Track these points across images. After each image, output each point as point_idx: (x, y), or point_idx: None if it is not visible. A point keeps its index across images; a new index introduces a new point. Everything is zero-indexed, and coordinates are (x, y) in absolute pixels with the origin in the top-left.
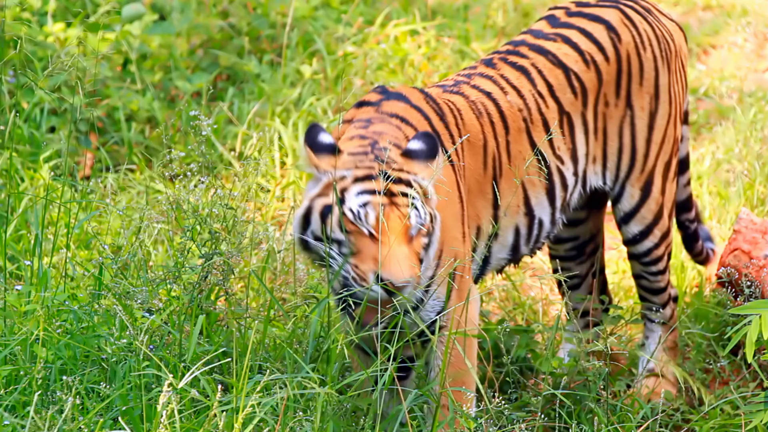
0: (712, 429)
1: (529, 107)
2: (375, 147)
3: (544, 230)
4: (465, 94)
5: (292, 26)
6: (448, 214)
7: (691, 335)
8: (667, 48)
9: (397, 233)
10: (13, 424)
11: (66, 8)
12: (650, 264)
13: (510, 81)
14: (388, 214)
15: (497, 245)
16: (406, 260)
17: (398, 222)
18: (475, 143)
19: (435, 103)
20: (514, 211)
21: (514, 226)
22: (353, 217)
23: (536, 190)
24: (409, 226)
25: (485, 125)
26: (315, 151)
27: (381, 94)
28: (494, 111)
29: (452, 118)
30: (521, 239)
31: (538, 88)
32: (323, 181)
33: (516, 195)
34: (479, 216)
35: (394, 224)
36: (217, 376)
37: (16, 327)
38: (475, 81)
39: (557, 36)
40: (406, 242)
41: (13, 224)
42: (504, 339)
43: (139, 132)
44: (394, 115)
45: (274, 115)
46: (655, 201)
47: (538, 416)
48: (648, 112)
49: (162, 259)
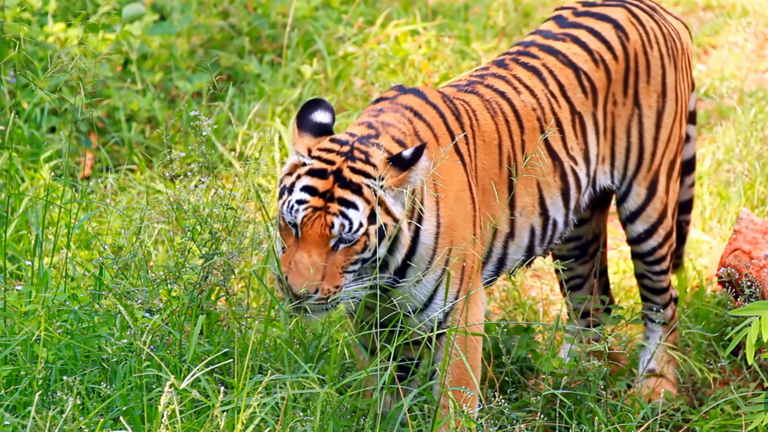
0: (712, 429)
1: (542, 107)
2: (363, 140)
3: (557, 231)
4: (479, 93)
5: (292, 26)
6: (457, 214)
7: (692, 335)
8: (673, 46)
9: (313, 241)
10: (14, 424)
11: (66, 8)
12: (654, 263)
13: (523, 81)
14: (312, 219)
15: (513, 246)
16: (308, 271)
17: (320, 229)
18: (490, 142)
19: (451, 103)
20: (530, 212)
21: (530, 227)
22: (287, 210)
23: (551, 190)
24: (329, 236)
25: (500, 124)
26: (300, 128)
27: (398, 91)
28: (509, 110)
29: (467, 118)
30: (536, 240)
31: (550, 88)
32: (292, 160)
33: (532, 195)
34: (495, 216)
35: (315, 231)
36: (217, 377)
37: (17, 327)
38: (489, 81)
39: (566, 36)
40: (322, 252)
41: (14, 224)
42: (504, 339)
43: (139, 132)
44: (408, 107)
45: (275, 116)
46: (660, 200)
47: (539, 416)
48: (655, 110)
49: (162, 259)
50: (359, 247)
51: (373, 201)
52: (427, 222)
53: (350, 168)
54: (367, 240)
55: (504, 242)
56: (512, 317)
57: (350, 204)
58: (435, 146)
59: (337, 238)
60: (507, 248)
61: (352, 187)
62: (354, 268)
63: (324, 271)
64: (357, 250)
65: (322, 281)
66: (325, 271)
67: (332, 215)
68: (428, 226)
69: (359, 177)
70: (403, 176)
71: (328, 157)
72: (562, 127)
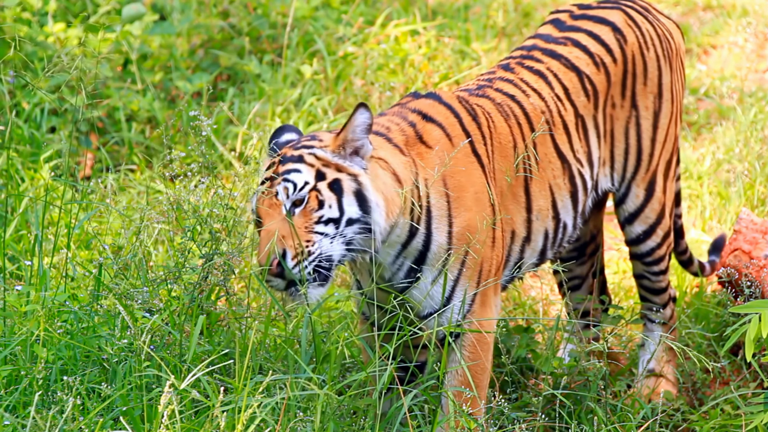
0: (712, 429)
1: (550, 110)
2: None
3: (567, 234)
4: (491, 97)
5: (292, 26)
6: (476, 216)
7: (691, 335)
8: (668, 47)
9: (267, 215)
10: (14, 424)
11: (66, 8)
12: (652, 264)
13: (530, 84)
14: (263, 199)
15: (529, 250)
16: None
17: (268, 202)
18: (506, 145)
19: (467, 104)
20: (545, 215)
21: (545, 230)
22: (251, 207)
23: (562, 193)
24: (277, 203)
25: (513, 127)
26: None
27: (412, 97)
28: (520, 113)
29: (485, 119)
30: (548, 243)
31: (555, 91)
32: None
33: (546, 198)
34: (513, 219)
35: (265, 206)
36: (217, 377)
37: (17, 327)
38: (498, 85)
39: (567, 40)
40: (279, 220)
41: (14, 224)
42: (504, 339)
43: (139, 132)
44: (416, 110)
45: (275, 116)
46: (658, 200)
47: (539, 416)
48: (652, 111)
49: (162, 259)
50: (314, 204)
51: (317, 163)
52: (437, 221)
53: (292, 148)
54: (320, 195)
55: (521, 246)
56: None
57: (291, 171)
58: (448, 146)
59: (290, 204)
60: (524, 252)
61: (293, 158)
62: (321, 229)
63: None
64: (314, 207)
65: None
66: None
67: (276, 186)
68: (440, 225)
69: (300, 150)
70: (342, 134)
71: (279, 155)
72: (568, 130)
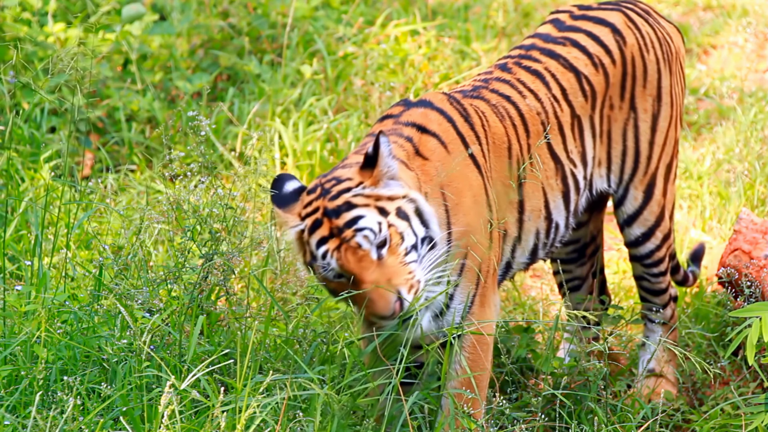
0: (712, 429)
1: (546, 111)
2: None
3: (559, 234)
4: (486, 98)
5: (292, 26)
6: (474, 218)
7: (691, 335)
8: (668, 50)
9: (361, 269)
10: (14, 424)
11: (66, 8)
12: (652, 266)
13: (527, 85)
14: (343, 257)
15: (520, 250)
16: (382, 292)
17: (354, 256)
18: (500, 146)
19: (459, 104)
20: (537, 215)
21: (536, 230)
22: (326, 274)
23: (554, 193)
24: (366, 253)
25: (508, 128)
26: (280, 206)
27: (403, 106)
28: (515, 114)
29: (478, 119)
30: (540, 243)
31: (553, 92)
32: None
33: (538, 198)
34: (506, 220)
35: (353, 261)
36: (218, 377)
37: (17, 327)
38: (494, 85)
39: (566, 40)
40: (374, 270)
41: (14, 224)
42: (504, 339)
43: (139, 132)
44: (410, 123)
45: (275, 116)
46: (657, 203)
47: (539, 416)
48: (651, 114)
49: (162, 259)
50: (397, 240)
51: (371, 202)
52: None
53: (330, 199)
54: (396, 228)
55: (512, 246)
56: (512, 317)
57: (356, 218)
58: (443, 154)
59: (375, 249)
60: (515, 252)
61: (342, 208)
62: (411, 258)
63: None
64: (398, 243)
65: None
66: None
67: (351, 239)
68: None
69: (343, 197)
70: (377, 171)
71: (311, 208)
72: (563, 131)
